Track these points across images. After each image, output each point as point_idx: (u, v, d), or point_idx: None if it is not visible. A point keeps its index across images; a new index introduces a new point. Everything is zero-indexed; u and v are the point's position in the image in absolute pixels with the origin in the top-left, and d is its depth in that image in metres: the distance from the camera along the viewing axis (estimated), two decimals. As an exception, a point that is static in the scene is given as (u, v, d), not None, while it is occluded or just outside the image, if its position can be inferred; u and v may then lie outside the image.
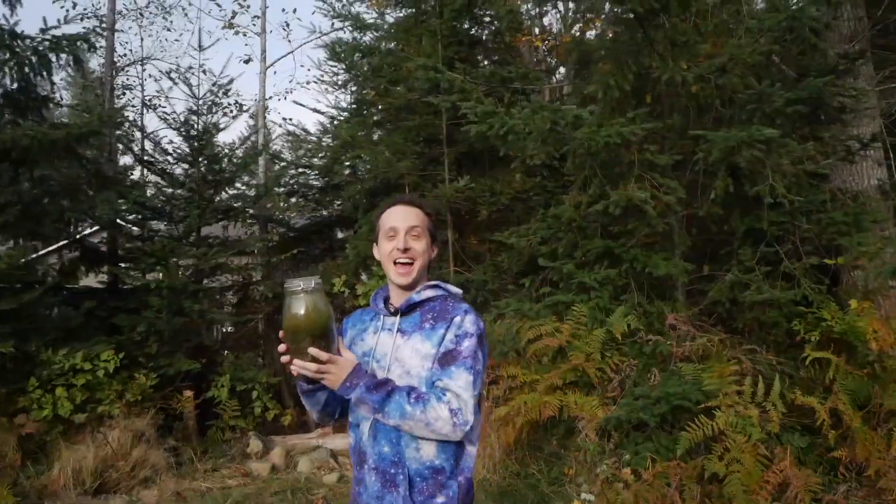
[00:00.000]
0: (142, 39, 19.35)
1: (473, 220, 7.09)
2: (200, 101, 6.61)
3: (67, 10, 9.11)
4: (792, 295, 4.50)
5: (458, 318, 1.75)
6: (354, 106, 7.35)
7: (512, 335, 5.02)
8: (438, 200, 6.19)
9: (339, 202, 8.13)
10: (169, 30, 17.45)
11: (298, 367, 1.60)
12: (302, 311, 1.57)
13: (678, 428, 4.35)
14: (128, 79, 10.27)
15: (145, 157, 6.63)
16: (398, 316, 1.82)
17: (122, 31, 8.01)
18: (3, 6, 5.79)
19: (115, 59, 7.71)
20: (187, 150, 6.49)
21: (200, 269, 5.99)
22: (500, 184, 6.03)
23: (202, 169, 6.51)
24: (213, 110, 6.74)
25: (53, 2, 5.95)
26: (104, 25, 7.00)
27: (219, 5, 9.47)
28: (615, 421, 4.36)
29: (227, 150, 6.73)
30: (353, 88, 7.01)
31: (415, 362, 1.74)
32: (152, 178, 7.11)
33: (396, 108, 6.52)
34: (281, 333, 1.61)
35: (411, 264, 1.80)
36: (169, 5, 10.12)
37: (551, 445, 4.95)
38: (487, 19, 6.99)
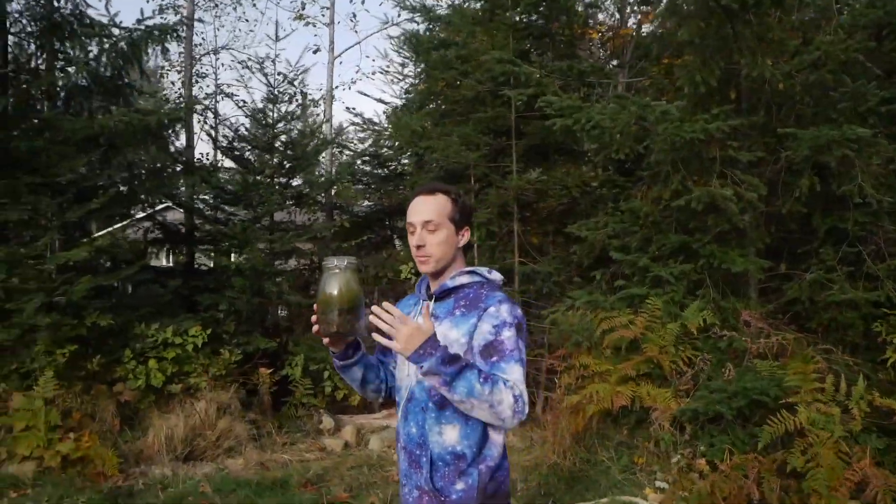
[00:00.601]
0: (216, 29, 19.78)
1: (538, 212, 7.18)
2: (276, 91, 6.82)
3: (155, 1, 9.36)
4: (875, 296, 4.48)
5: (492, 308, 1.72)
6: (422, 96, 7.48)
7: (585, 325, 5.11)
8: (507, 192, 6.29)
9: (400, 191, 8.31)
10: (246, 20, 17.84)
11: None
12: (335, 287, 1.67)
13: (753, 422, 4.41)
14: (202, 67, 10.57)
15: (224, 144, 6.88)
16: (433, 301, 1.84)
17: (202, 20, 8.29)
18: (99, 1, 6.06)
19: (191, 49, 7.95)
20: (263, 137, 6.72)
21: (275, 253, 6.22)
22: (570, 177, 6.09)
23: (277, 156, 6.74)
24: (286, 99, 6.96)
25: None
26: (185, 16, 7.26)
27: None
28: (690, 413, 4.42)
29: (301, 139, 6.95)
30: (424, 80, 7.12)
31: None
32: (227, 163, 7.38)
33: (468, 100, 6.62)
34: (315, 305, 1.71)
35: (429, 256, 1.80)
36: None
37: (621, 434, 5.04)
38: (556, 12, 7.01)
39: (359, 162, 8.33)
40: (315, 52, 9.63)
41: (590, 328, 5.05)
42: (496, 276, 1.88)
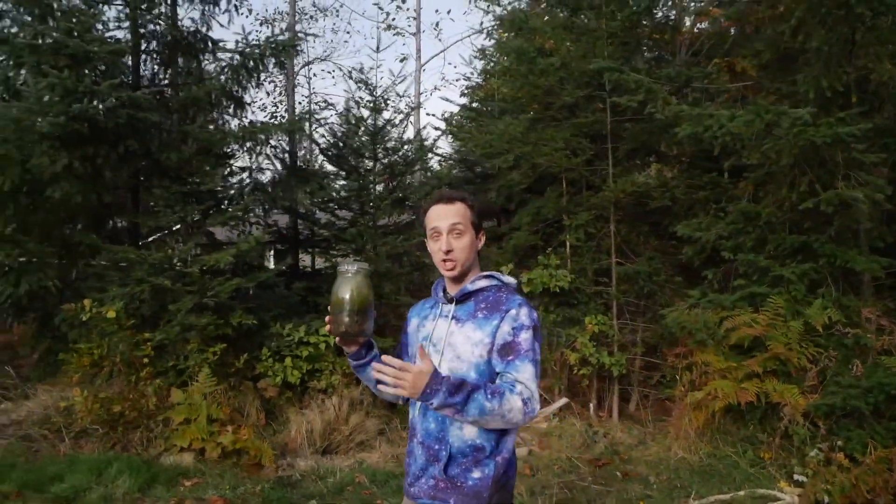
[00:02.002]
0: (313, 39, 20.10)
1: (631, 212, 7.34)
2: (378, 100, 7.10)
3: (270, 19, 9.62)
4: None
5: (513, 311, 1.83)
6: (515, 103, 7.70)
7: (704, 324, 5.26)
8: (610, 193, 6.47)
9: (486, 193, 8.54)
10: (347, 32, 18.28)
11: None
12: (346, 292, 1.77)
13: (888, 417, 4.54)
14: (297, 78, 10.97)
15: (330, 152, 7.19)
16: (453, 304, 1.93)
17: (308, 34, 8.63)
18: (224, 16, 6.42)
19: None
20: (367, 145, 7.01)
21: (389, 255, 6.50)
22: (675, 179, 6.26)
23: (381, 163, 7.03)
24: (387, 107, 7.24)
25: (231, 12, 6.67)
26: (285, 28, 7.59)
27: (380, 8, 9.82)
28: (825, 408, 4.56)
29: (399, 146, 7.23)
30: (520, 86, 7.32)
31: (466, 348, 1.85)
32: (329, 169, 7.70)
33: (567, 106, 6.83)
34: (329, 307, 1.82)
35: (455, 261, 1.88)
36: (324, 7, 10.68)
37: (747, 430, 5.19)
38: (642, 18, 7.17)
39: (443, 165, 8.58)
40: (402, 60, 9.92)
41: (711, 327, 5.20)
42: (510, 279, 1.99)
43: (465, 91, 12.02)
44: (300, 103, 9.16)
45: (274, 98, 10.05)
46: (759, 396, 4.92)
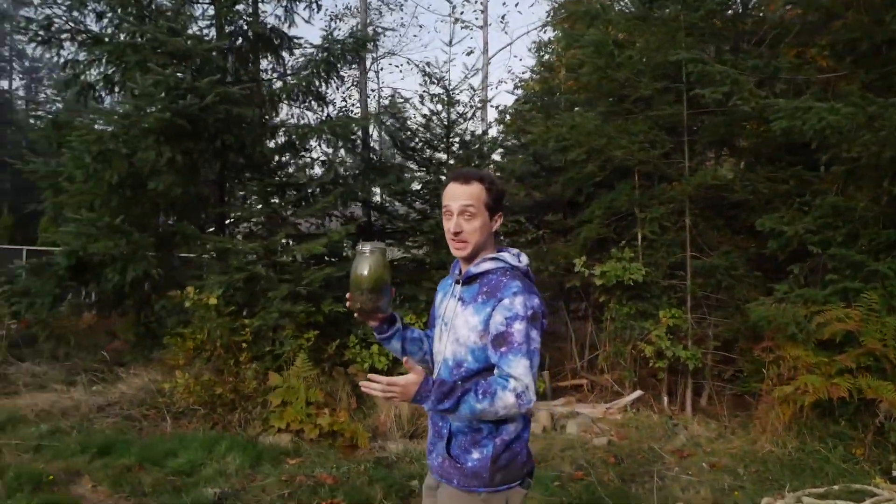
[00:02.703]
0: (381, 33, 20.45)
1: (707, 206, 7.29)
2: (450, 93, 7.19)
3: (340, 14, 9.77)
4: None
5: (507, 300, 1.79)
6: (588, 95, 7.71)
7: (793, 318, 5.22)
8: (687, 186, 6.44)
9: (551, 186, 8.59)
10: (420, 26, 18.59)
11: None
12: (364, 270, 1.86)
13: None
14: (368, 72, 11.16)
15: (408, 145, 7.32)
16: (461, 285, 1.94)
17: (385, 29, 8.79)
18: (305, 11, 6.59)
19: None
20: (440, 138, 7.12)
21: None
22: (756, 173, 6.20)
23: (454, 156, 7.13)
24: (458, 101, 7.32)
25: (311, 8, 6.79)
26: (360, 26, 7.73)
27: (449, 1, 9.81)
28: (925, 405, 4.51)
29: (473, 141, 7.32)
30: (595, 78, 7.32)
31: (464, 332, 1.86)
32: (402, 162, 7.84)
33: (645, 99, 6.81)
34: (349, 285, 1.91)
35: (465, 242, 1.87)
36: (390, 2, 10.81)
37: (837, 426, 5.15)
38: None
39: (506, 158, 8.63)
40: (469, 54, 10.01)
41: (801, 321, 5.16)
42: (523, 260, 1.94)
43: (519, 84, 12.02)
44: (369, 97, 9.32)
45: (342, 92, 10.24)
46: (852, 392, 4.87)
